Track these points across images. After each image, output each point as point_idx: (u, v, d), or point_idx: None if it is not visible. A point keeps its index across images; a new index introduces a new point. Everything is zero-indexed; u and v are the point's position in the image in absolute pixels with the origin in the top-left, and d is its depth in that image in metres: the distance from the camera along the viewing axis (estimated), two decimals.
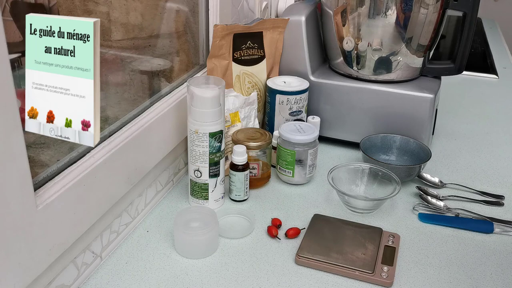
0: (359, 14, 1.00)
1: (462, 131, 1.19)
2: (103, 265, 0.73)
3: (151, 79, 0.90)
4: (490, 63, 1.68)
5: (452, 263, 0.75)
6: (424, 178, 0.96)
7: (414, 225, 0.84)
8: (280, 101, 1.01)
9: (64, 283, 0.66)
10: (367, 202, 0.86)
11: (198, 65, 1.04)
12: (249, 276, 0.72)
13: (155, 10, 0.90)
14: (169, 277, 0.71)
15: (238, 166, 0.86)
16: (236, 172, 0.86)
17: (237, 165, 0.86)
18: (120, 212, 0.77)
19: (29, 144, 0.63)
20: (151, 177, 0.85)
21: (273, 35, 1.05)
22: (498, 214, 0.88)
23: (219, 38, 0.94)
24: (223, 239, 0.79)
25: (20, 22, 0.54)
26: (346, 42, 1.04)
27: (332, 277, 0.72)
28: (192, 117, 0.80)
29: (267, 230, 0.81)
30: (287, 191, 0.93)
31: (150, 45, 0.90)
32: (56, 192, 0.60)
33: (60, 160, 0.65)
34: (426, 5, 0.96)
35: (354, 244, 0.76)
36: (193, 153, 0.82)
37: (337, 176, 0.90)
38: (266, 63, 1.05)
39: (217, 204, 0.86)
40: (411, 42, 1.01)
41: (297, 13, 1.06)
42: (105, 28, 0.77)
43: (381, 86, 1.03)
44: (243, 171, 0.86)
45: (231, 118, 0.95)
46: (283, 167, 0.93)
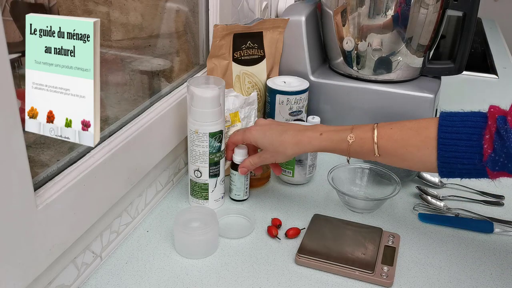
0: (359, 14, 1.00)
1: None
2: (103, 265, 0.73)
3: (151, 79, 0.90)
4: (490, 63, 1.68)
5: (452, 263, 0.75)
6: (424, 178, 0.96)
7: (414, 225, 0.84)
8: (280, 101, 1.01)
9: (64, 283, 0.66)
10: (367, 202, 0.86)
11: (198, 65, 1.04)
12: (249, 276, 0.72)
13: (155, 10, 0.90)
14: (169, 277, 0.71)
15: (238, 165, 0.86)
16: (236, 171, 0.86)
17: (237, 164, 0.85)
18: (120, 212, 0.77)
19: (29, 144, 0.63)
20: (151, 177, 0.85)
21: (273, 35, 1.05)
22: (498, 214, 0.88)
23: (219, 38, 0.94)
24: (223, 239, 0.79)
25: (20, 22, 0.54)
26: (346, 42, 1.04)
27: (332, 277, 0.72)
28: (192, 117, 0.80)
29: (267, 230, 0.81)
30: (287, 191, 0.93)
31: (150, 45, 0.90)
32: (56, 192, 0.60)
33: (60, 160, 0.65)
34: (426, 5, 0.96)
35: (354, 244, 0.76)
36: (193, 153, 0.82)
37: (337, 176, 0.90)
38: (266, 63, 1.05)
39: (217, 204, 0.86)
40: (411, 42, 1.01)
41: (297, 13, 1.06)
42: (105, 28, 0.77)
43: (381, 86, 1.03)
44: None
45: (231, 118, 0.95)
46: (283, 167, 0.93)
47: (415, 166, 0.72)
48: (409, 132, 0.70)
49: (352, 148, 0.73)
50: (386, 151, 0.71)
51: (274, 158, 0.80)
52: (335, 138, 0.75)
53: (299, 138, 0.77)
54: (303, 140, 0.76)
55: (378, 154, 0.72)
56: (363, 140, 0.72)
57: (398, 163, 0.72)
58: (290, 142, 0.77)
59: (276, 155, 0.79)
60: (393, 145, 0.71)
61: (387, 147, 0.71)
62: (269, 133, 0.79)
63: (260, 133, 0.80)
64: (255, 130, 0.81)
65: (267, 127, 0.80)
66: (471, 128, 0.66)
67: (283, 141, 0.77)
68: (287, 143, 0.77)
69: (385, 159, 0.72)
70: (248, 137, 0.81)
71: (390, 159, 0.72)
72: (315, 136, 0.76)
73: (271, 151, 0.79)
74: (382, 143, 0.71)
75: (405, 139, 0.70)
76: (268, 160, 0.81)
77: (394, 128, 0.71)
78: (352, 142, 0.73)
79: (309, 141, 0.76)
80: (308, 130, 0.77)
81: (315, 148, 0.76)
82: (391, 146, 0.71)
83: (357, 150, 0.73)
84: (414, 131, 0.70)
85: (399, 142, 0.70)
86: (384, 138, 0.71)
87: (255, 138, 0.80)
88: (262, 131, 0.80)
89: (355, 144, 0.73)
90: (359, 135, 0.73)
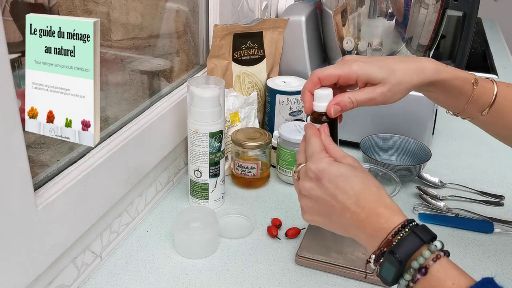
0: (359, 14, 1.00)
1: (462, 131, 1.18)
2: (103, 265, 0.73)
3: (151, 79, 0.90)
4: (490, 63, 1.68)
5: None
6: (424, 178, 0.96)
7: None
8: (280, 101, 1.01)
9: (64, 283, 0.66)
10: None
11: (198, 65, 1.04)
12: (249, 276, 0.72)
13: (155, 10, 0.90)
14: (169, 277, 0.71)
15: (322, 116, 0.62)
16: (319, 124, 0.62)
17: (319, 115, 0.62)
18: (120, 212, 0.77)
19: (29, 144, 0.63)
20: (151, 177, 0.85)
21: (273, 35, 1.05)
22: (498, 214, 0.88)
23: (219, 38, 0.94)
24: (223, 239, 0.79)
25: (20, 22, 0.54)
26: (346, 42, 1.04)
27: (332, 277, 0.72)
28: (192, 117, 0.80)
29: (267, 230, 0.81)
30: (287, 191, 0.93)
31: (150, 45, 0.90)
32: (56, 192, 0.60)
33: (60, 160, 0.65)
34: (426, 5, 0.96)
35: (354, 244, 0.76)
36: (193, 153, 0.82)
37: None
38: (266, 63, 1.05)
39: (217, 204, 0.86)
40: (411, 42, 1.01)
41: (297, 13, 1.06)
42: (105, 28, 0.77)
43: None
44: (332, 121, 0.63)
45: (231, 118, 0.95)
46: (283, 167, 0.93)
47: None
48: None
49: (475, 93, 0.65)
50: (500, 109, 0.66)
51: (392, 93, 0.61)
52: (460, 75, 0.64)
53: (423, 64, 0.63)
54: (428, 66, 0.63)
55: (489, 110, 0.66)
56: (484, 89, 0.66)
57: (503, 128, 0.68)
58: (413, 68, 0.62)
59: (396, 87, 0.61)
60: (508, 104, 0.66)
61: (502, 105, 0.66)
62: (382, 62, 0.62)
63: (369, 63, 0.61)
64: (362, 62, 0.61)
65: (371, 59, 0.63)
66: None
67: (407, 69, 0.62)
68: (411, 70, 0.62)
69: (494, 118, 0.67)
70: (355, 70, 0.61)
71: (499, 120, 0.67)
72: (440, 66, 0.64)
73: (391, 83, 0.61)
74: (499, 99, 0.66)
75: None
76: (383, 97, 0.62)
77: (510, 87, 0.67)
78: (476, 87, 0.65)
79: (435, 69, 0.63)
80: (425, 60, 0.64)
81: (440, 77, 0.63)
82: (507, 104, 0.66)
83: (476, 97, 0.66)
84: None
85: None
86: (501, 94, 0.66)
87: (368, 70, 0.61)
88: (370, 60, 0.62)
89: (477, 91, 0.65)
90: (481, 82, 0.66)
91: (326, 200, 0.56)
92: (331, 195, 0.55)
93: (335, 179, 0.55)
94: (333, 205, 0.55)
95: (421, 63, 0.63)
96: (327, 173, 0.56)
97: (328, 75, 0.61)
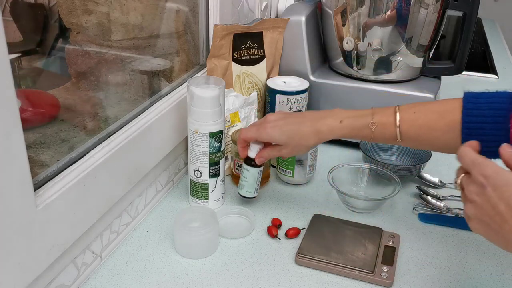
0: (359, 14, 1.00)
1: None
2: (103, 265, 0.73)
3: (151, 79, 0.90)
4: (490, 63, 1.68)
5: (452, 263, 0.75)
6: (424, 178, 0.96)
7: (414, 225, 0.84)
8: (280, 101, 1.01)
9: (64, 283, 0.66)
10: (367, 202, 0.86)
11: (198, 65, 1.04)
12: (249, 276, 0.72)
13: (155, 10, 0.90)
14: (169, 277, 0.71)
15: (252, 160, 0.81)
16: (250, 167, 0.82)
17: (251, 159, 0.81)
18: (120, 212, 0.77)
19: (29, 144, 0.63)
20: (151, 177, 0.85)
21: (273, 35, 1.05)
22: None
23: (219, 38, 0.94)
24: (223, 239, 0.79)
25: (20, 22, 0.54)
26: (346, 42, 1.04)
27: (332, 277, 0.72)
28: (192, 117, 0.80)
29: (267, 230, 0.81)
30: (287, 191, 0.93)
31: (150, 45, 0.90)
32: (56, 192, 0.60)
33: (60, 160, 0.65)
34: (426, 5, 0.96)
35: (354, 244, 0.76)
36: (193, 153, 0.82)
37: (337, 176, 0.90)
38: (266, 63, 1.05)
39: (217, 204, 0.86)
40: (411, 42, 1.01)
41: (297, 13, 1.06)
42: (105, 28, 0.77)
43: (381, 86, 1.03)
44: (258, 167, 0.82)
45: (231, 118, 0.95)
46: (283, 167, 0.93)
47: (440, 149, 0.71)
48: (433, 116, 0.68)
49: (374, 135, 0.71)
50: (409, 136, 0.69)
51: (295, 151, 0.78)
52: (356, 125, 0.73)
53: (319, 128, 0.74)
54: (323, 129, 0.74)
55: (401, 139, 0.70)
56: (385, 126, 0.70)
57: (421, 146, 0.70)
58: (310, 133, 0.74)
59: (297, 148, 0.77)
60: (416, 131, 0.69)
61: (410, 132, 0.69)
62: (286, 128, 0.76)
63: (277, 129, 0.76)
64: (270, 128, 0.77)
65: (282, 121, 0.77)
66: (497, 111, 0.64)
67: (303, 134, 0.75)
68: (307, 135, 0.75)
69: (408, 143, 0.71)
70: (263, 136, 0.78)
71: (413, 143, 0.71)
72: (335, 125, 0.74)
73: (292, 146, 0.76)
74: (405, 128, 0.69)
75: (430, 124, 0.68)
76: (288, 154, 0.79)
77: (417, 112, 0.69)
78: (374, 129, 0.71)
79: (330, 130, 0.74)
80: (327, 118, 0.75)
81: (336, 136, 0.74)
82: (415, 131, 0.69)
83: (379, 136, 0.72)
84: (438, 115, 0.68)
85: (423, 128, 0.68)
86: (407, 122, 0.69)
87: (272, 136, 0.77)
88: (278, 127, 0.76)
89: (377, 130, 0.71)
90: (381, 120, 0.71)
91: (489, 209, 0.53)
92: (494, 204, 0.52)
93: (500, 189, 0.52)
94: (494, 215, 0.53)
95: (321, 126, 0.74)
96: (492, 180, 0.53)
97: (250, 138, 0.80)
